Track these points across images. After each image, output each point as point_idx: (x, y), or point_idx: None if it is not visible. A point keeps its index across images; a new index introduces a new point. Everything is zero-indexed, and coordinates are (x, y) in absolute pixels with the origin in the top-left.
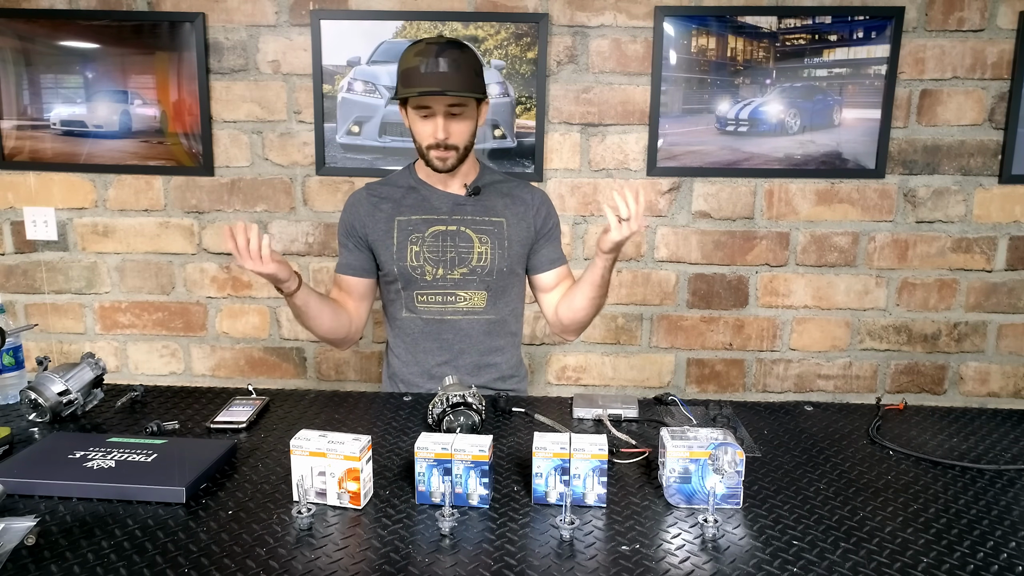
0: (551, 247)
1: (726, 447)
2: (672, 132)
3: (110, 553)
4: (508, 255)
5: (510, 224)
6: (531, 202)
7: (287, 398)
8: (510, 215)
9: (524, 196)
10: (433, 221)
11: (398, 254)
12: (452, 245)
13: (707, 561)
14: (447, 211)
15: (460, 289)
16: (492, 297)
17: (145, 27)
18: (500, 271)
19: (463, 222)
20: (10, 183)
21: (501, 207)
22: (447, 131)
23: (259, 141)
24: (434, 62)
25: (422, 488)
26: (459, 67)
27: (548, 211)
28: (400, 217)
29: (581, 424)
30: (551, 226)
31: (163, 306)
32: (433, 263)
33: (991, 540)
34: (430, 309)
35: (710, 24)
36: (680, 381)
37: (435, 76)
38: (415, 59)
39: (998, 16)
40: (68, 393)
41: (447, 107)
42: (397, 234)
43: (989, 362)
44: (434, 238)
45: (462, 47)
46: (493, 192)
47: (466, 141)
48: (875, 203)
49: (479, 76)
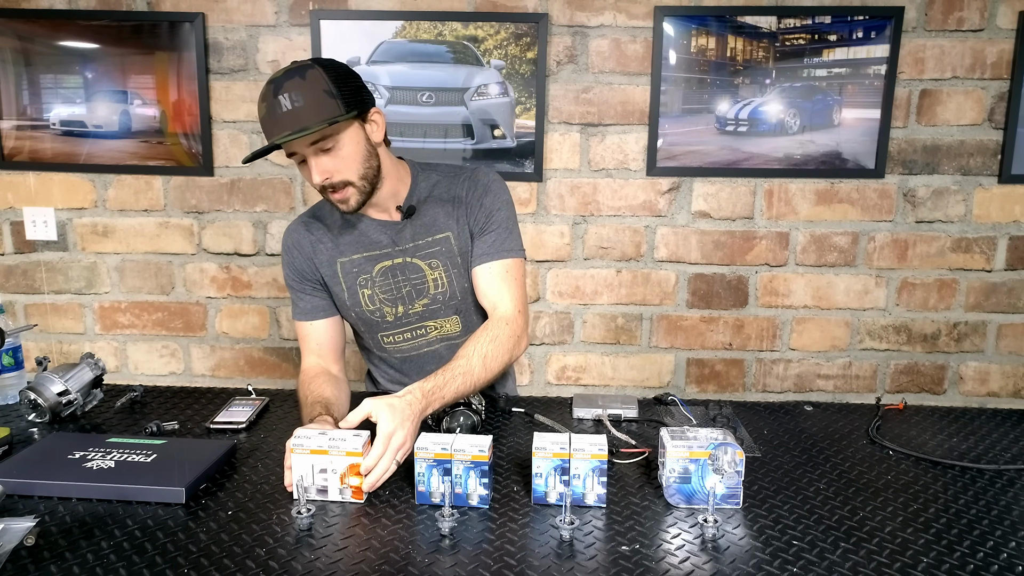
0: (481, 241)
1: (726, 447)
2: (672, 132)
3: (110, 553)
4: (463, 271)
5: (456, 235)
6: (465, 198)
7: (287, 398)
8: (452, 224)
9: (459, 193)
10: (376, 257)
11: (351, 300)
12: (404, 279)
13: (707, 561)
14: (388, 243)
15: (427, 320)
16: (465, 318)
17: (145, 27)
18: (463, 289)
19: (406, 251)
20: (10, 183)
21: (443, 218)
22: (324, 171)
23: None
24: (273, 103)
25: (422, 488)
26: (302, 98)
27: (483, 199)
28: (342, 259)
29: (581, 424)
30: (486, 214)
31: (163, 306)
32: (390, 303)
33: (991, 540)
34: (401, 348)
35: (710, 24)
36: (680, 381)
37: (277, 120)
38: (261, 104)
39: (998, 16)
40: (68, 393)
41: (312, 146)
42: (344, 278)
43: (989, 362)
44: (383, 275)
45: (303, 70)
46: (431, 202)
47: (358, 171)
48: (875, 203)
49: (334, 96)
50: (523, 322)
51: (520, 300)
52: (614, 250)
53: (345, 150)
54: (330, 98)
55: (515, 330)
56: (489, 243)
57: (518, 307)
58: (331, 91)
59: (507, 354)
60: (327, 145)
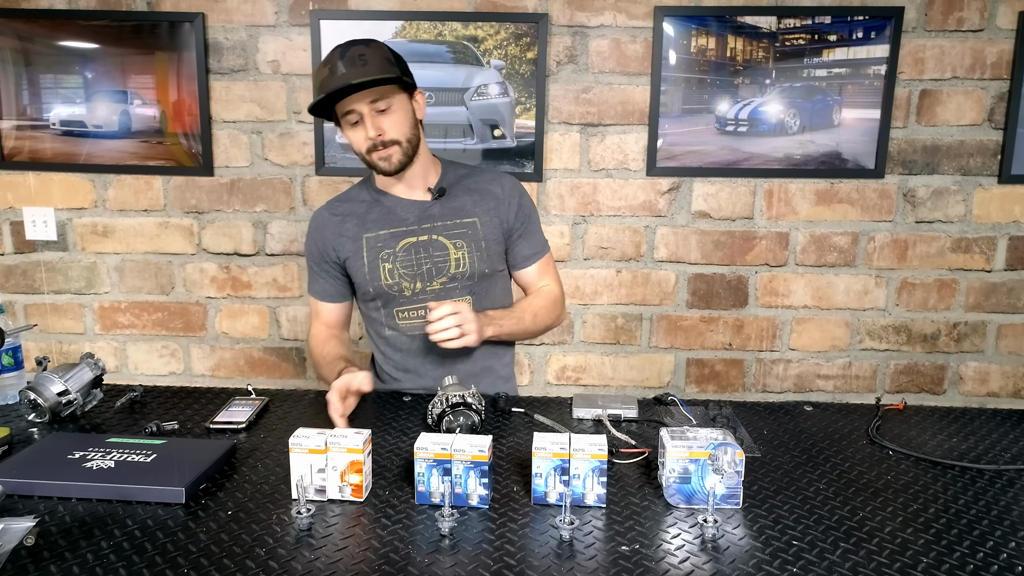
0: (525, 241)
1: (726, 447)
2: (672, 132)
3: (109, 553)
4: (487, 255)
5: (483, 222)
6: (501, 195)
7: (286, 398)
8: (481, 212)
9: (493, 189)
10: (402, 234)
11: (371, 274)
12: (426, 256)
13: (707, 561)
14: (415, 220)
15: (443, 299)
16: (477, 301)
17: (145, 27)
18: (481, 273)
19: (433, 229)
20: (10, 183)
21: (471, 205)
22: (377, 127)
23: (259, 141)
24: (338, 65)
25: (422, 488)
26: (365, 61)
27: (520, 200)
28: (367, 234)
29: (581, 424)
30: (524, 217)
31: (163, 306)
32: (409, 278)
33: (991, 540)
34: (414, 325)
35: (710, 24)
36: (680, 381)
37: (342, 76)
38: (324, 69)
39: (997, 16)
40: (67, 393)
41: (370, 104)
42: (367, 253)
43: (988, 362)
44: (406, 252)
45: (368, 42)
46: (460, 190)
47: (405, 134)
48: (875, 203)
49: (394, 64)
50: (564, 301)
51: (560, 284)
52: (614, 250)
53: (397, 114)
54: (390, 65)
55: (561, 301)
56: (533, 244)
57: (560, 289)
58: (391, 60)
59: (551, 319)
60: (382, 106)
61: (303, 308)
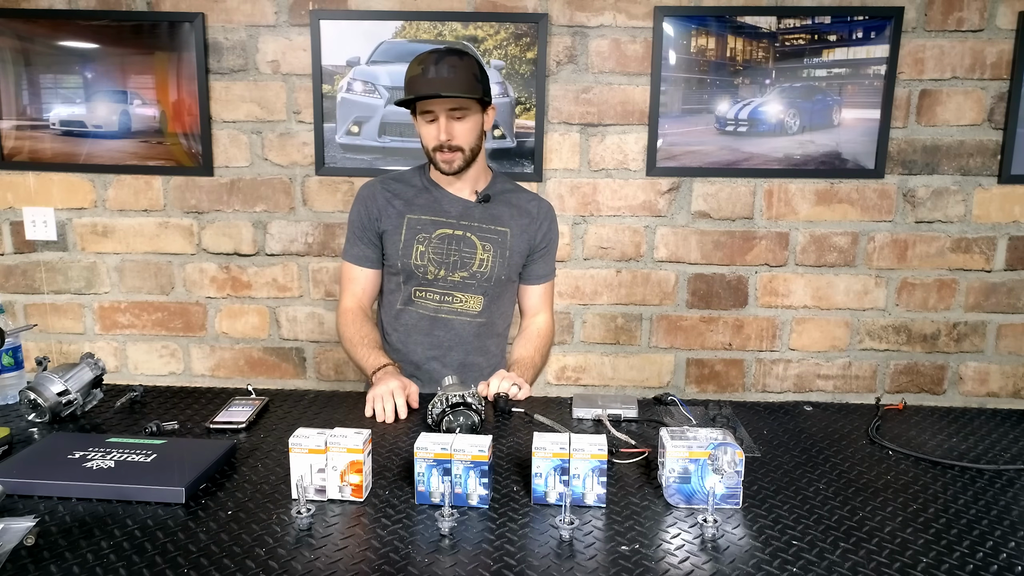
0: (543, 262)
1: (725, 447)
2: (671, 132)
3: (109, 553)
4: (508, 264)
5: (514, 235)
6: (535, 215)
7: (286, 398)
8: (515, 226)
9: (530, 208)
10: (441, 223)
11: (404, 251)
12: (456, 249)
13: (707, 561)
14: (456, 215)
15: (458, 291)
16: (488, 302)
17: (144, 27)
18: (499, 279)
19: (470, 228)
20: (9, 183)
21: (507, 217)
22: (449, 132)
23: (259, 141)
24: (434, 68)
25: (421, 488)
26: (456, 72)
27: (550, 225)
28: (411, 215)
29: (580, 424)
30: (549, 241)
31: (162, 306)
32: (436, 264)
33: (990, 540)
34: (427, 305)
35: (709, 24)
36: (679, 381)
37: (433, 81)
38: (417, 67)
39: (997, 16)
40: (67, 393)
41: (448, 110)
42: (405, 231)
43: (988, 362)
44: (440, 240)
45: (462, 54)
46: (501, 202)
47: (471, 143)
48: (874, 203)
49: (480, 81)
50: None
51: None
52: (614, 250)
53: (469, 124)
54: (476, 81)
55: (553, 337)
56: (547, 266)
57: (553, 320)
58: (478, 76)
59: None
60: (458, 115)
61: (303, 308)
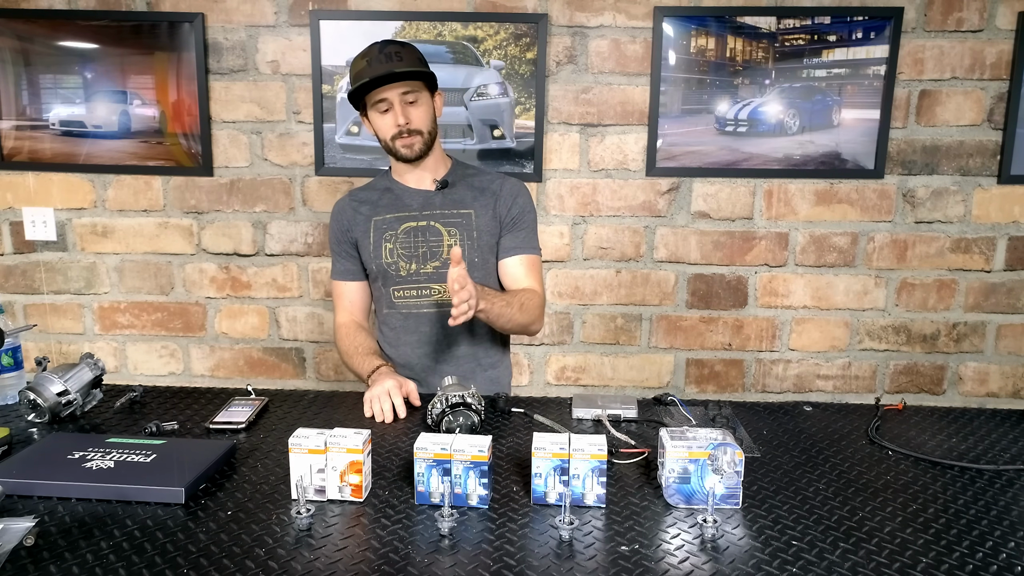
0: (512, 236)
1: (725, 447)
2: (671, 132)
3: (109, 554)
4: (478, 246)
5: (478, 215)
6: (499, 191)
7: (286, 398)
8: (478, 206)
9: (492, 187)
10: (405, 218)
11: (374, 252)
12: (423, 240)
13: (706, 561)
14: (418, 207)
15: (433, 282)
16: None
17: (144, 27)
18: (471, 262)
19: (432, 216)
20: (9, 183)
21: (470, 199)
22: (406, 116)
23: (258, 141)
24: (377, 57)
25: (421, 488)
26: (402, 56)
27: (516, 200)
28: (376, 217)
29: (580, 424)
30: (516, 213)
31: (162, 306)
32: (406, 259)
33: (990, 540)
34: (407, 303)
35: (709, 24)
36: (679, 381)
37: (380, 67)
38: (362, 60)
39: (997, 16)
40: (67, 393)
41: (401, 95)
42: (373, 234)
43: (988, 362)
44: (406, 234)
45: (403, 44)
46: (463, 185)
47: (428, 126)
48: (874, 203)
49: (424, 64)
50: (544, 308)
51: (543, 290)
52: (613, 250)
53: (422, 108)
54: (422, 64)
55: (543, 305)
56: (521, 239)
57: (542, 295)
58: (423, 60)
59: (532, 315)
60: (411, 98)
61: (303, 308)
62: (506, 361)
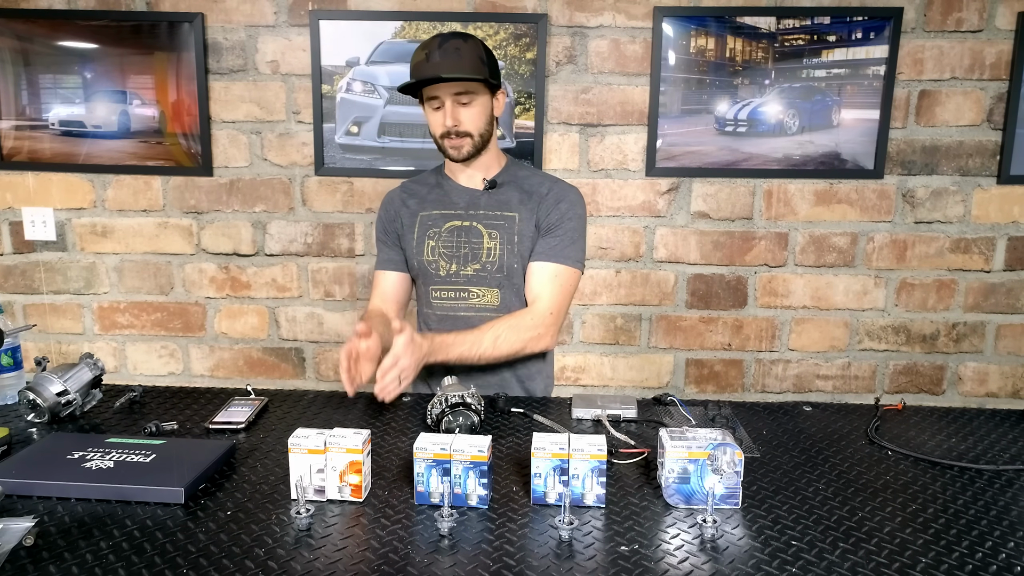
0: (545, 240)
1: (725, 447)
2: (671, 132)
3: (108, 554)
4: (518, 251)
5: (522, 219)
6: (545, 195)
7: (286, 398)
8: (523, 210)
9: (541, 190)
10: (450, 216)
11: (417, 248)
12: (465, 240)
13: (706, 561)
14: (464, 206)
15: (473, 286)
16: (505, 295)
17: (144, 27)
18: (511, 268)
19: (476, 217)
20: (8, 183)
21: (516, 202)
22: (455, 118)
23: (258, 141)
24: (437, 52)
25: (421, 488)
26: (460, 54)
27: (558, 204)
28: (423, 212)
29: (580, 424)
30: (555, 219)
31: (162, 306)
32: (447, 259)
33: (989, 540)
34: (443, 305)
35: (709, 25)
36: (679, 381)
37: (437, 65)
38: (421, 52)
39: (996, 17)
40: (67, 393)
41: (454, 95)
42: (418, 228)
43: (988, 362)
44: (449, 233)
45: (467, 36)
46: (512, 187)
47: (479, 128)
48: (874, 203)
49: (486, 63)
50: (551, 322)
51: (557, 304)
52: (613, 251)
53: (476, 109)
54: (481, 63)
55: (537, 325)
56: (551, 245)
57: (551, 308)
58: (483, 58)
59: (520, 343)
60: (464, 99)
61: (302, 308)
62: (546, 371)
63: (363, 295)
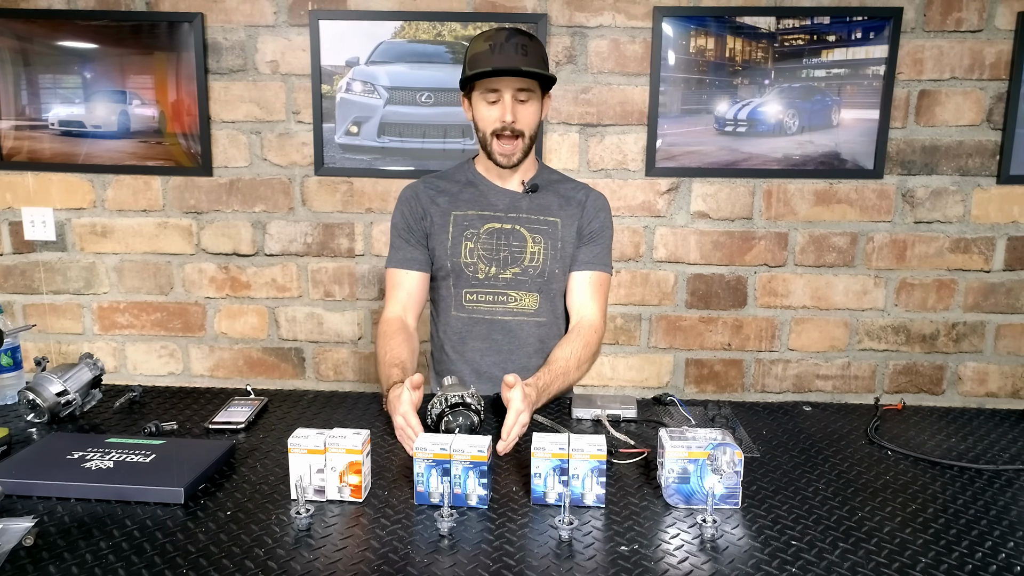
0: (588, 249)
1: (725, 447)
2: (671, 132)
3: (108, 554)
4: (560, 256)
5: (564, 225)
6: (585, 203)
7: (286, 399)
8: (564, 216)
9: (579, 196)
10: (489, 218)
11: (452, 249)
12: (506, 243)
13: (706, 561)
14: (503, 208)
15: (512, 289)
16: (544, 300)
17: (143, 27)
18: (552, 273)
19: (518, 220)
20: (8, 183)
21: (556, 207)
22: (515, 114)
23: (258, 141)
24: (504, 45)
25: (421, 488)
26: (527, 51)
27: (598, 213)
28: (456, 212)
29: (580, 424)
30: (596, 227)
31: (161, 306)
32: (486, 261)
33: (989, 540)
34: (479, 308)
35: (709, 25)
36: (679, 381)
37: (505, 58)
38: (484, 44)
39: (996, 17)
40: (66, 394)
41: (515, 91)
42: (452, 229)
43: (987, 362)
44: (489, 235)
45: (531, 36)
46: (550, 192)
47: (532, 130)
48: (873, 203)
49: (547, 63)
50: (604, 331)
51: (604, 311)
52: (613, 250)
53: (532, 108)
54: (545, 64)
55: (600, 338)
56: (594, 253)
57: (603, 318)
58: (545, 59)
59: (593, 358)
60: (524, 97)
61: (302, 308)
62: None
63: (363, 295)
